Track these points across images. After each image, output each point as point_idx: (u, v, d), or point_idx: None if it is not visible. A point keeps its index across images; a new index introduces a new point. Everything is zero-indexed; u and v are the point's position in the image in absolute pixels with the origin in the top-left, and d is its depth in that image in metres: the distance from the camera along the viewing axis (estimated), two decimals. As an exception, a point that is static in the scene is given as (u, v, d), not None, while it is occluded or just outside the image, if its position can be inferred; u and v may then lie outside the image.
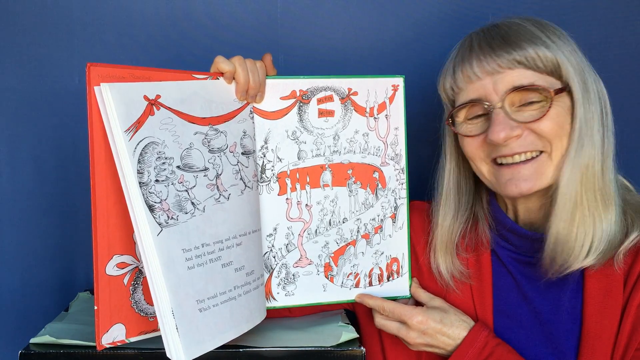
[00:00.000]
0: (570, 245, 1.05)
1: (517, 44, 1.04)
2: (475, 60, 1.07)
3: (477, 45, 1.08)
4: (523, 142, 1.06)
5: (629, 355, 1.05)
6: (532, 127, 1.05)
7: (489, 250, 1.18)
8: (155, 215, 0.92)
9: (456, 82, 1.11)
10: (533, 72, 1.04)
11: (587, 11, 1.43)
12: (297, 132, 1.13)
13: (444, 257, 1.18)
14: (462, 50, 1.10)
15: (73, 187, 1.42)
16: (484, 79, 1.06)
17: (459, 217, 1.18)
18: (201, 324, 0.95)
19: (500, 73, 1.05)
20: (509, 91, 1.05)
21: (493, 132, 1.05)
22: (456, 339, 1.11)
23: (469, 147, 1.12)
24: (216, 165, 1.02)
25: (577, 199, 1.05)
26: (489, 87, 1.06)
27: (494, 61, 1.05)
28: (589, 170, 1.05)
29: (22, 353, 1.00)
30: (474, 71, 1.07)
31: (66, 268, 1.44)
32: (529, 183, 1.07)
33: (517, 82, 1.04)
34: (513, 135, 1.05)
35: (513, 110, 1.06)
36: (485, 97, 1.07)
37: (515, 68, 1.04)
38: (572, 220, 1.05)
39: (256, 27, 1.44)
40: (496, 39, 1.07)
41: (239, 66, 1.06)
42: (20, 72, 1.40)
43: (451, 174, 1.18)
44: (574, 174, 1.05)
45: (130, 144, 0.91)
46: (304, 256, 1.16)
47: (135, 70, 0.96)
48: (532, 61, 1.04)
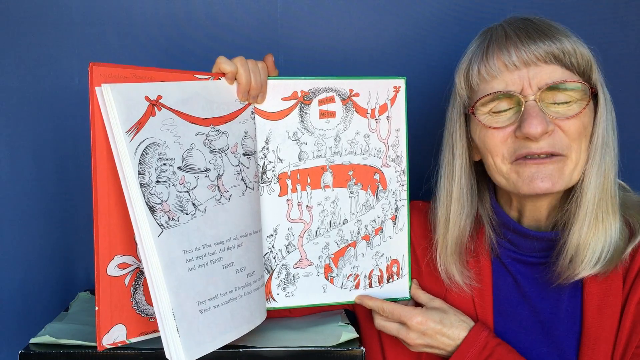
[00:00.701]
0: (584, 253, 1.05)
1: (555, 37, 1.04)
2: (513, 48, 1.04)
3: (513, 33, 1.06)
4: (552, 141, 1.04)
5: (630, 353, 1.05)
6: (562, 125, 1.04)
7: (489, 250, 1.18)
8: (156, 217, 0.92)
9: (489, 69, 1.07)
10: (565, 70, 1.04)
11: (587, 11, 1.43)
12: (298, 133, 1.13)
13: (455, 259, 1.16)
14: (496, 38, 1.07)
15: (73, 187, 1.42)
16: (521, 69, 1.04)
17: (469, 219, 1.16)
18: (202, 325, 0.95)
19: (537, 66, 1.04)
20: (543, 87, 1.03)
21: (530, 125, 1.02)
22: (456, 339, 1.11)
23: (493, 140, 1.08)
24: (217, 166, 1.02)
25: (596, 206, 1.05)
26: (525, 79, 1.04)
27: (532, 52, 1.03)
28: (607, 177, 1.06)
29: (22, 353, 1.00)
30: (512, 59, 1.04)
31: (66, 268, 1.44)
32: (548, 182, 1.05)
33: (549, 79, 1.03)
34: (548, 130, 1.03)
35: (545, 105, 1.04)
36: (521, 89, 1.05)
37: (550, 63, 1.04)
38: (591, 227, 1.05)
39: (256, 27, 1.43)
40: (534, 29, 1.05)
41: (241, 67, 1.06)
42: (20, 72, 1.40)
43: (463, 173, 1.15)
44: (598, 179, 1.05)
45: (132, 145, 0.91)
46: (304, 257, 1.16)
47: (137, 70, 0.96)
48: (568, 57, 1.03)
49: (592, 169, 1.05)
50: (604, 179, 1.06)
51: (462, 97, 1.13)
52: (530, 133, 1.02)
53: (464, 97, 1.13)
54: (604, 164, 1.06)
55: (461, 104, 1.14)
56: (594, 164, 1.05)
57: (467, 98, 1.12)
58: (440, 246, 1.17)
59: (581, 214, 1.06)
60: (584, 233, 1.05)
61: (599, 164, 1.05)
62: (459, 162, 1.15)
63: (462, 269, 1.16)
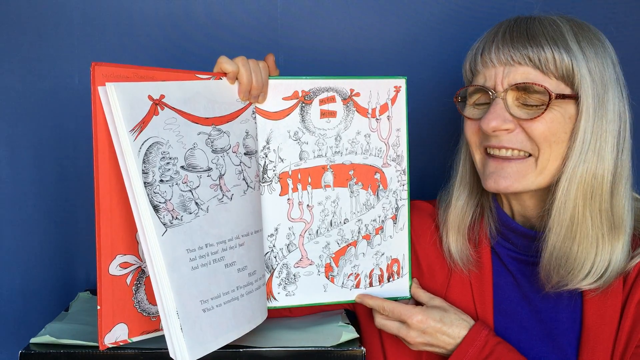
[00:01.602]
0: (570, 263, 1.05)
1: (537, 41, 1.04)
2: (494, 47, 1.07)
3: (501, 33, 1.08)
4: (512, 139, 1.06)
5: (629, 353, 1.05)
6: (525, 126, 1.05)
7: (489, 247, 1.18)
8: (160, 216, 0.92)
9: (475, 65, 1.11)
10: (541, 73, 1.04)
11: (586, 11, 1.43)
12: (299, 132, 1.13)
13: (456, 236, 1.18)
14: (489, 35, 1.11)
15: (73, 187, 1.42)
16: (498, 67, 1.07)
17: (471, 201, 1.19)
18: (205, 324, 0.95)
19: (511, 65, 1.05)
20: (513, 85, 1.05)
21: (484, 120, 1.06)
22: (456, 338, 1.12)
23: (468, 130, 1.13)
24: (219, 165, 1.02)
25: (577, 215, 1.04)
26: (499, 77, 1.06)
27: (509, 52, 1.05)
28: (595, 190, 1.04)
29: (22, 353, 1.00)
30: (490, 57, 1.08)
31: (66, 268, 1.44)
32: (507, 181, 1.07)
33: (522, 78, 1.05)
34: (503, 128, 1.05)
35: (513, 105, 1.06)
36: (493, 85, 1.07)
37: (525, 65, 1.05)
38: (572, 238, 1.05)
39: (256, 27, 1.44)
40: (520, 31, 1.06)
41: (242, 66, 1.06)
42: (20, 72, 1.40)
43: (467, 156, 1.18)
44: (572, 186, 1.04)
45: (135, 144, 0.91)
46: (305, 256, 1.16)
47: (139, 70, 0.96)
48: (544, 62, 1.04)
49: (564, 174, 1.05)
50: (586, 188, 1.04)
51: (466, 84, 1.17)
52: (483, 127, 1.07)
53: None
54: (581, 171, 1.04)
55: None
56: (565, 169, 1.05)
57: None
58: (449, 227, 1.19)
59: (552, 221, 1.06)
60: (558, 242, 1.05)
61: (571, 169, 1.04)
62: (464, 148, 1.19)
63: (464, 250, 1.17)
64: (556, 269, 1.06)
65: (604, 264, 1.05)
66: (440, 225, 1.22)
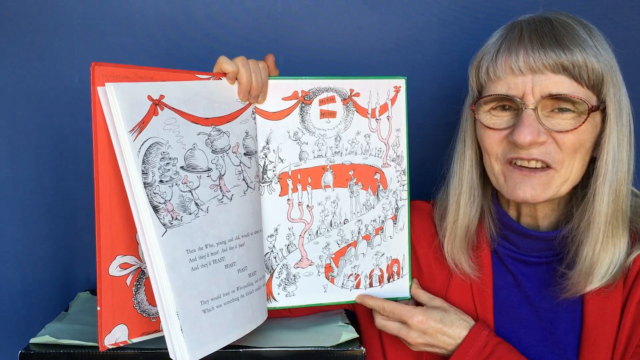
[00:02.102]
0: (594, 269, 1.05)
1: (568, 46, 1.01)
2: (522, 52, 1.03)
3: (527, 37, 1.04)
4: (544, 150, 1.04)
5: (630, 352, 1.06)
6: (557, 137, 1.03)
7: (489, 248, 1.18)
8: (160, 216, 0.92)
9: (495, 69, 1.06)
10: (573, 82, 1.02)
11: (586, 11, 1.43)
12: (298, 132, 1.13)
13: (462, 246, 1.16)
14: (510, 38, 1.06)
15: (73, 187, 1.42)
16: (526, 75, 1.03)
17: (472, 209, 1.16)
18: (205, 325, 0.95)
19: (543, 74, 1.02)
20: (546, 96, 1.02)
21: (520, 133, 1.02)
22: (457, 338, 1.12)
23: (489, 140, 1.09)
24: (219, 165, 1.02)
25: (607, 221, 1.04)
26: (528, 86, 1.03)
27: (541, 60, 1.01)
28: (619, 193, 1.04)
29: (22, 353, 1.00)
30: (518, 64, 1.03)
31: (66, 268, 1.44)
32: (535, 191, 1.05)
33: (554, 89, 1.02)
34: (539, 141, 1.03)
35: (544, 115, 1.03)
36: (522, 94, 1.04)
37: (558, 73, 1.01)
38: (601, 245, 1.05)
39: (256, 27, 1.44)
40: (548, 35, 1.03)
41: (242, 67, 1.06)
42: (20, 72, 1.40)
43: (473, 160, 1.16)
44: (609, 198, 1.04)
45: (135, 144, 0.91)
46: (305, 257, 1.16)
47: (139, 70, 0.96)
48: (577, 69, 1.01)
49: (604, 187, 1.04)
50: (615, 196, 1.04)
51: (472, 89, 1.14)
52: (518, 141, 1.03)
53: (474, 90, 1.13)
54: (616, 180, 1.04)
55: (472, 96, 1.14)
56: (605, 181, 1.04)
57: (477, 92, 1.13)
58: (449, 234, 1.17)
59: (594, 232, 1.05)
60: (597, 251, 1.05)
61: (610, 181, 1.03)
62: (469, 152, 1.16)
63: (464, 258, 1.17)
64: (585, 276, 1.06)
65: (616, 261, 1.05)
66: (438, 232, 1.21)
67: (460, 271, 1.17)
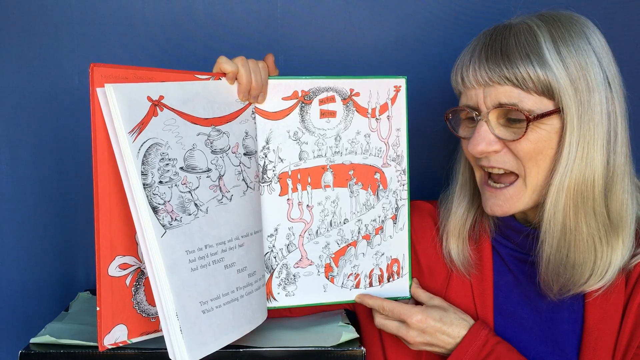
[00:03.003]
0: (568, 270, 1.05)
1: (510, 59, 1.02)
2: (471, 68, 1.06)
3: (477, 52, 1.07)
4: (501, 159, 1.06)
5: (630, 354, 1.05)
6: (510, 146, 1.05)
7: (490, 247, 1.18)
8: (159, 217, 0.92)
9: (457, 84, 1.11)
10: (521, 91, 1.02)
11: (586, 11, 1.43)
12: (298, 132, 1.13)
13: (456, 241, 1.19)
14: (467, 52, 1.10)
15: (73, 187, 1.42)
16: (477, 88, 1.06)
17: (472, 207, 1.19)
18: (204, 325, 0.95)
19: (491, 86, 1.04)
20: (494, 107, 1.04)
21: (471, 144, 1.06)
22: (456, 337, 1.12)
23: (465, 149, 1.13)
24: (219, 166, 1.02)
25: (569, 224, 1.04)
26: (480, 97, 1.06)
27: (486, 74, 1.04)
28: (585, 196, 1.03)
29: (22, 353, 1.00)
30: (469, 79, 1.07)
31: (66, 268, 1.44)
32: (504, 208, 1.08)
33: (502, 99, 1.03)
34: (490, 150, 1.06)
35: (497, 125, 1.06)
36: (476, 106, 1.07)
37: (504, 84, 1.03)
38: (566, 246, 1.04)
39: (256, 27, 1.43)
40: (495, 49, 1.05)
41: (242, 67, 1.06)
42: (20, 72, 1.40)
43: (467, 164, 1.18)
44: (560, 198, 1.03)
45: (134, 145, 0.91)
46: (305, 257, 1.16)
47: (138, 71, 0.95)
48: (521, 81, 1.02)
49: (551, 188, 1.04)
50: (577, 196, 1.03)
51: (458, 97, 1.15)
52: (469, 151, 1.07)
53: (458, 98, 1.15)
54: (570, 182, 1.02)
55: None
56: (552, 183, 1.04)
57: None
58: (444, 231, 1.20)
59: (542, 235, 1.06)
60: (552, 254, 1.05)
61: (558, 183, 1.03)
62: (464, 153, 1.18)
63: (464, 254, 1.18)
64: (555, 278, 1.06)
65: (605, 265, 1.05)
66: (440, 228, 1.22)
67: (455, 269, 1.19)
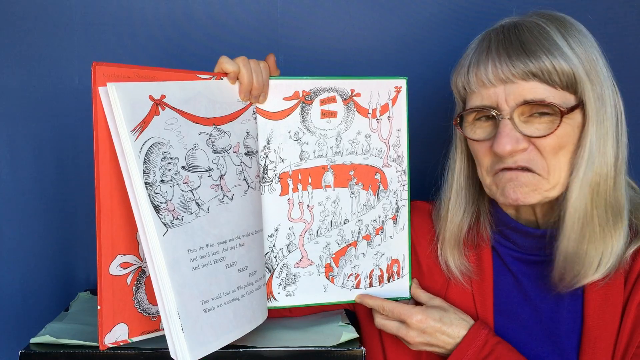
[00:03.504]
0: (580, 262, 1.05)
1: (535, 53, 1.01)
2: (490, 65, 1.04)
3: (494, 48, 1.05)
4: (527, 157, 1.04)
5: (630, 354, 1.05)
6: (536, 143, 1.04)
7: (489, 248, 1.18)
8: (161, 216, 0.92)
9: (469, 84, 1.08)
10: (547, 86, 1.02)
11: (586, 11, 1.43)
12: (299, 132, 1.13)
13: (452, 251, 1.18)
14: (479, 51, 1.08)
15: (73, 187, 1.42)
16: (497, 86, 1.04)
17: (467, 213, 1.17)
18: (205, 324, 0.95)
19: (514, 83, 1.02)
20: (520, 104, 1.03)
21: (499, 144, 1.03)
22: (456, 337, 1.12)
23: (478, 152, 1.10)
24: (220, 165, 1.02)
25: (587, 217, 1.04)
26: (501, 96, 1.04)
27: (509, 70, 1.02)
28: (600, 187, 1.04)
29: (22, 353, 1.00)
30: (488, 77, 1.04)
31: (66, 268, 1.44)
32: (521, 193, 1.05)
33: (528, 95, 1.02)
34: (519, 149, 1.03)
35: (521, 121, 1.04)
36: (496, 104, 1.05)
37: (529, 80, 1.02)
38: (582, 238, 1.04)
39: (256, 27, 1.44)
40: (514, 44, 1.03)
41: (243, 66, 1.06)
42: (20, 72, 1.40)
43: (462, 170, 1.17)
44: (583, 192, 1.03)
45: (136, 144, 0.91)
46: (305, 257, 1.16)
47: (140, 70, 0.96)
48: (547, 74, 1.01)
49: (575, 182, 1.04)
50: (595, 189, 1.04)
51: (457, 100, 1.15)
52: (498, 152, 1.03)
53: (458, 102, 1.15)
54: (592, 175, 1.03)
55: (458, 108, 1.15)
56: (576, 177, 1.04)
57: (462, 102, 1.14)
58: (440, 240, 1.19)
59: (565, 228, 1.05)
60: (571, 247, 1.05)
61: (582, 177, 1.03)
62: (459, 159, 1.17)
63: (461, 261, 1.17)
64: (570, 269, 1.06)
65: (610, 254, 1.05)
66: (436, 236, 1.21)
67: (453, 277, 1.18)
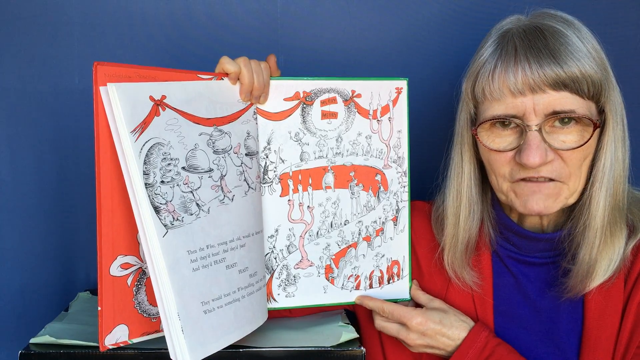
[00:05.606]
0: (594, 267, 1.05)
1: (565, 61, 0.99)
2: (520, 73, 1.00)
3: (522, 54, 1.01)
4: (551, 168, 1.03)
5: (630, 354, 1.06)
6: (563, 155, 1.02)
7: (489, 250, 1.18)
8: (161, 217, 0.92)
9: (492, 90, 1.04)
10: (576, 96, 1.00)
11: (586, 11, 1.43)
12: (300, 133, 1.13)
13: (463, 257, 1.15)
14: (506, 56, 1.03)
15: (73, 187, 1.42)
16: (526, 95, 1.00)
17: (472, 220, 1.15)
18: (206, 325, 0.95)
19: (544, 93, 1.00)
20: (547, 115, 1.00)
21: (529, 156, 1.01)
22: (456, 339, 1.12)
23: (496, 162, 1.07)
24: (220, 166, 1.02)
25: (605, 224, 1.05)
26: (529, 105, 1.01)
27: (541, 79, 0.99)
28: (617, 192, 1.05)
29: (22, 353, 1.00)
30: (517, 86, 1.00)
31: (66, 268, 1.44)
32: (547, 203, 1.04)
33: (558, 106, 1.00)
34: (547, 161, 1.02)
35: (547, 132, 1.02)
36: (522, 114, 1.02)
37: (559, 90, 0.99)
38: (599, 245, 1.05)
39: (256, 28, 1.43)
40: (544, 51, 1.00)
41: (244, 67, 1.06)
42: (20, 72, 1.40)
43: (472, 176, 1.14)
44: (606, 202, 1.04)
45: (137, 144, 0.91)
46: (305, 258, 1.16)
47: (141, 70, 0.96)
48: (577, 84, 0.99)
49: (600, 192, 1.04)
50: (613, 197, 1.04)
51: (468, 105, 1.11)
52: (528, 164, 1.01)
53: (469, 105, 1.11)
54: (613, 181, 1.04)
55: (468, 111, 1.11)
56: (602, 186, 1.04)
57: (474, 107, 1.10)
58: (448, 248, 1.17)
59: (590, 235, 1.05)
60: (595, 253, 1.05)
61: (607, 185, 1.03)
62: (467, 167, 1.14)
63: (466, 269, 1.16)
64: (587, 276, 1.06)
65: (617, 256, 1.06)
66: (437, 238, 1.20)
67: (460, 282, 1.17)
